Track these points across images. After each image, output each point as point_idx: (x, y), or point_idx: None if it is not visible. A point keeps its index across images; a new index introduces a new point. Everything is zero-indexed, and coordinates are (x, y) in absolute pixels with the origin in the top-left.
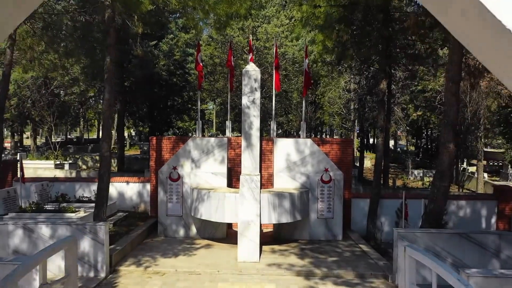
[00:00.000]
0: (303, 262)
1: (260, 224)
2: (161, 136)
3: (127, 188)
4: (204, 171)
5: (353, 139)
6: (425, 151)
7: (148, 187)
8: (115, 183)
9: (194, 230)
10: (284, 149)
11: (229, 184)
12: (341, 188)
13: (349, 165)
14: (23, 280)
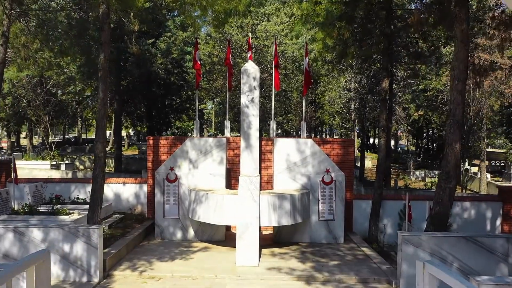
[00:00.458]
0: (304, 266)
1: (260, 227)
2: (158, 136)
3: (124, 189)
4: (202, 172)
5: (354, 139)
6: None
7: (145, 188)
8: (111, 184)
9: (192, 233)
10: (284, 150)
11: (228, 185)
12: (343, 190)
13: (351, 166)
14: None
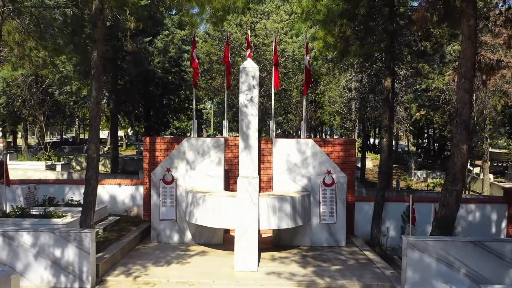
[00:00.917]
0: (305, 271)
1: (259, 230)
2: (155, 136)
3: (120, 191)
4: (200, 173)
5: (355, 139)
6: (427, 151)
7: (142, 190)
8: (107, 186)
9: (189, 236)
10: (284, 150)
11: (226, 187)
12: (344, 191)
13: (353, 167)
14: None
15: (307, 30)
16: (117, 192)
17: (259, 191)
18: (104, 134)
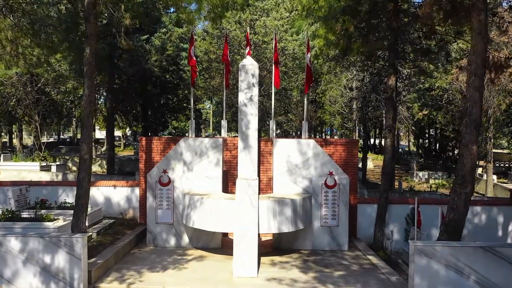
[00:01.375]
0: (306, 277)
1: (258, 234)
2: (151, 136)
3: (115, 193)
4: (197, 175)
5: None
6: (428, 152)
7: (137, 192)
8: (101, 188)
9: (186, 239)
10: (285, 151)
11: (225, 189)
12: (347, 193)
13: (355, 168)
14: None
15: (308, 28)
16: (112, 194)
17: (259, 193)
18: (103, 134)
